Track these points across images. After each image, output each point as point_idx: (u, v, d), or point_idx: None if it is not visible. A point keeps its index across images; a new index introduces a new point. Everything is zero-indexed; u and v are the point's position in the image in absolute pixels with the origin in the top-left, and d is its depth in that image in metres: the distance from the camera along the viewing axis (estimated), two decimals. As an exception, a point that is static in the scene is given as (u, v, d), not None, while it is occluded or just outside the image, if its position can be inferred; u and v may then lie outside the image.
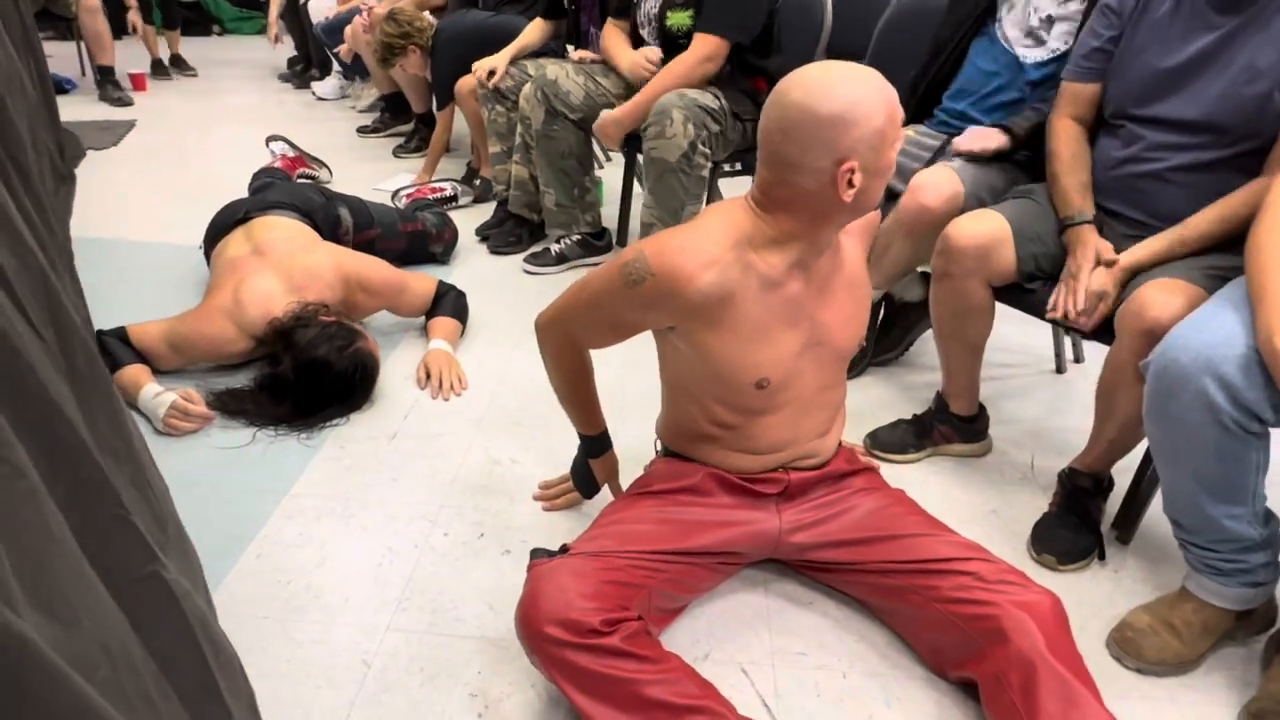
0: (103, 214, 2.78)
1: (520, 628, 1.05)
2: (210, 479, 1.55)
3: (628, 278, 1.07)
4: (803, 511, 1.25)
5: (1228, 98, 1.27)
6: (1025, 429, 1.81)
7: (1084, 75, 1.47)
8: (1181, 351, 1.06)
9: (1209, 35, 1.29)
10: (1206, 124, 1.30)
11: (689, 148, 2.08)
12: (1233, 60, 1.27)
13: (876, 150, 0.98)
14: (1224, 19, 1.28)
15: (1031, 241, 1.45)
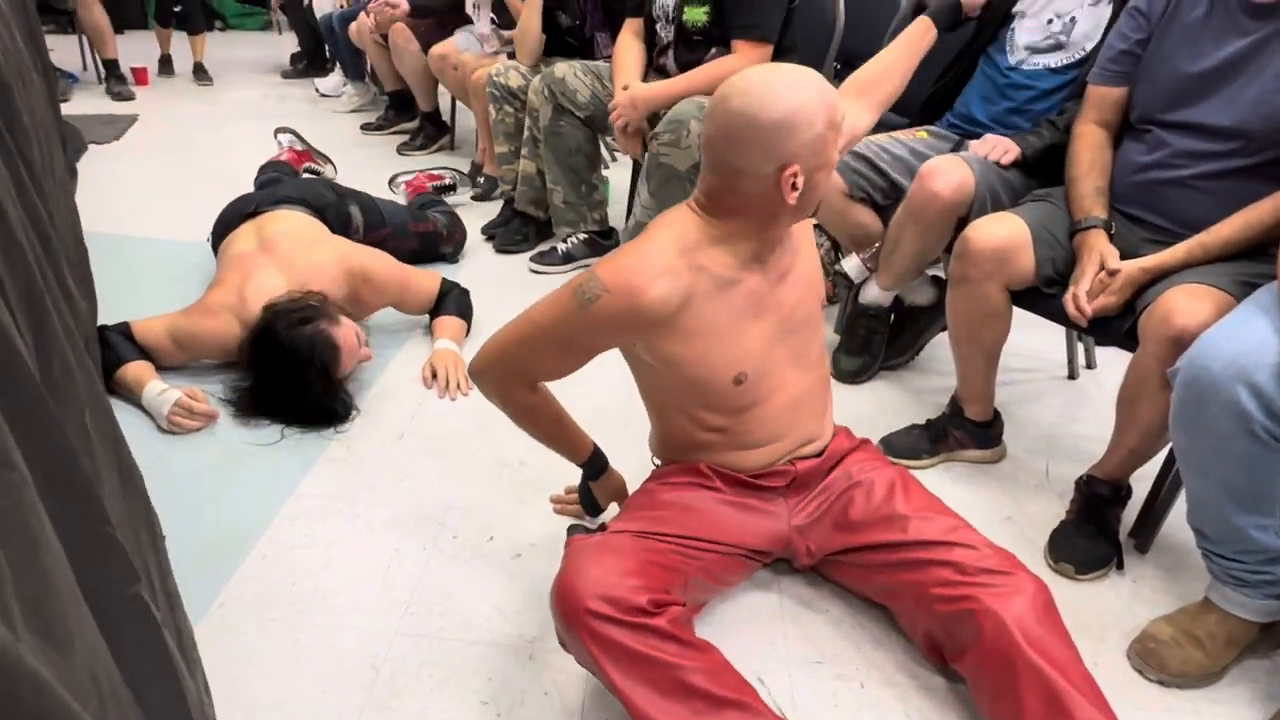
0: (105, 208, 2.75)
1: (561, 602, 1.01)
2: (214, 478, 1.53)
3: (582, 298, 1.05)
4: (811, 500, 1.24)
5: (1261, 104, 1.25)
6: (1040, 435, 1.79)
7: (1111, 79, 1.45)
8: (1212, 360, 1.04)
9: (1241, 40, 1.27)
10: (1236, 131, 1.28)
11: (699, 161, 2.06)
12: (1266, 67, 1.25)
13: (818, 153, 1.01)
14: (1257, 24, 1.26)
15: (1050, 245, 1.44)
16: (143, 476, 0.94)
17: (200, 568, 1.30)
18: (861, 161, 1.73)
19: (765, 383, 1.15)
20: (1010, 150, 1.60)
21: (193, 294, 1.96)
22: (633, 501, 1.23)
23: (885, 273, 1.77)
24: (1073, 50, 1.65)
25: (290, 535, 1.40)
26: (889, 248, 1.71)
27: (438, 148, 3.62)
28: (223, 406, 1.69)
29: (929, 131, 1.83)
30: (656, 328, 1.06)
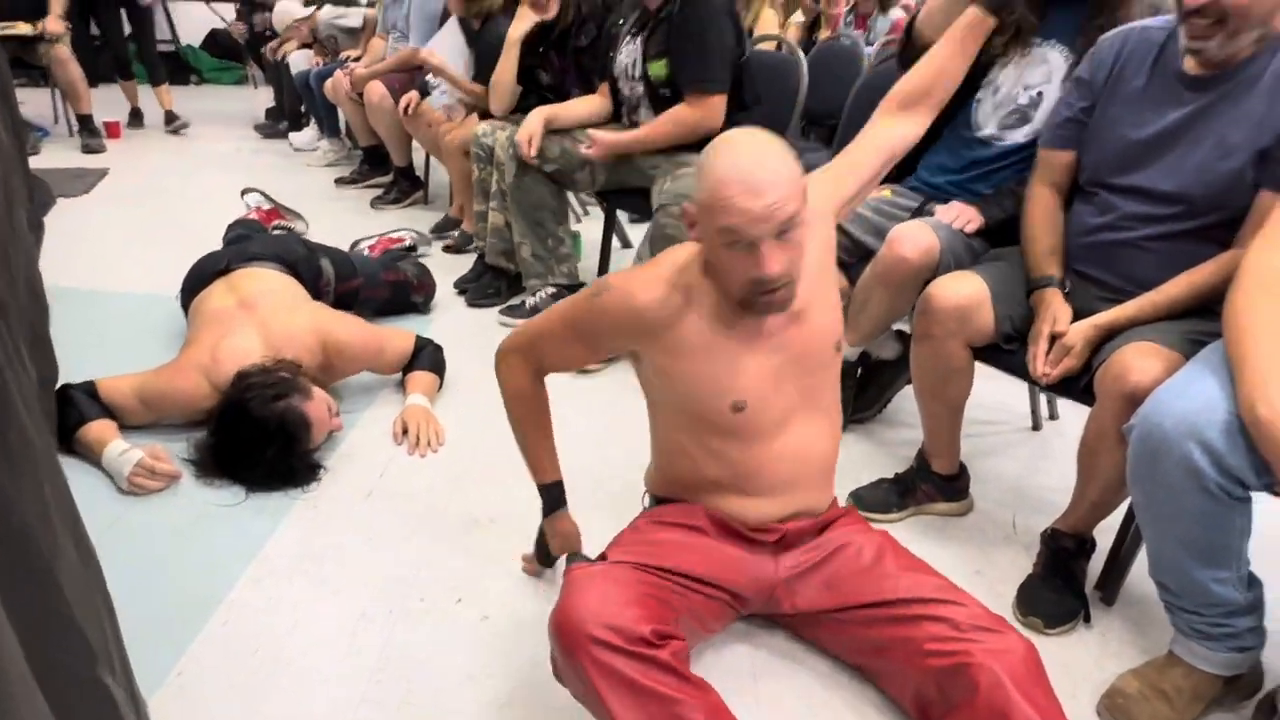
0: (72, 262, 2.73)
1: (562, 628, 1.00)
2: (175, 541, 1.49)
3: (593, 291, 1.17)
4: (798, 557, 1.24)
5: (1201, 171, 1.31)
6: (1006, 487, 1.82)
7: (1059, 143, 1.51)
8: (1164, 417, 1.07)
9: (1180, 110, 1.34)
10: (1179, 196, 1.34)
11: None
12: (1205, 135, 1.31)
13: (708, 210, 1.03)
14: (1194, 95, 1.33)
15: (1008, 303, 1.48)
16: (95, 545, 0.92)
17: (159, 634, 1.26)
18: (828, 221, 1.78)
19: (769, 416, 1.16)
20: (974, 220, 1.65)
21: (160, 349, 1.94)
22: (624, 537, 1.24)
23: (852, 330, 1.80)
24: (1036, 126, 1.69)
25: (254, 598, 1.37)
26: (856, 308, 1.75)
27: (411, 202, 3.65)
28: (185, 466, 1.67)
29: (893, 190, 1.89)
30: (652, 334, 1.13)
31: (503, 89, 2.70)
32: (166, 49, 6.49)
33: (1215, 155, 1.30)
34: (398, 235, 2.96)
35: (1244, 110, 1.28)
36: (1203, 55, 1.29)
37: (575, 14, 2.58)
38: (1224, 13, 1.21)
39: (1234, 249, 1.28)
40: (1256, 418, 0.99)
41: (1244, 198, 1.29)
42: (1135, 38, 1.42)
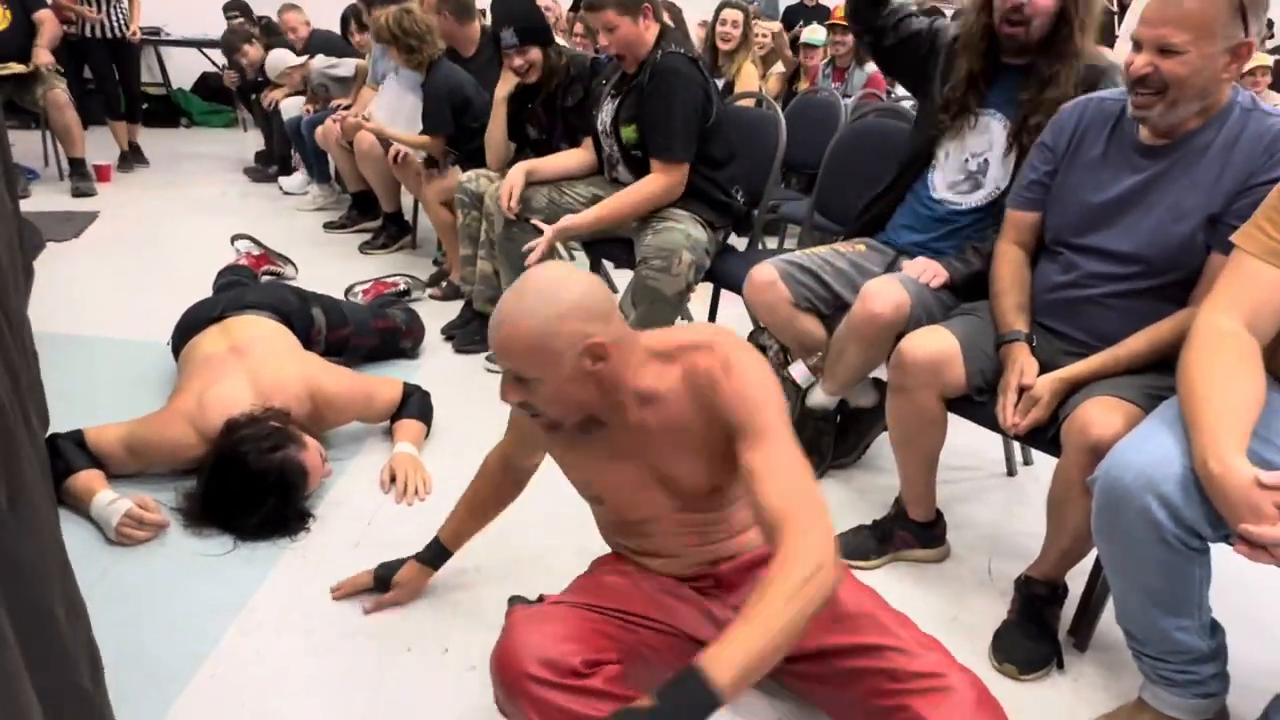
0: (61, 308, 2.75)
1: (500, 669, 1.05)
2: (163, 592, 1.50)
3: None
4: (743, 594, 1.20)
5: (1156, 234, 1.39)
6: (981, 533, 1.86)
7: (1024, 204, 1.59)
8: (1124, 470, 1.12)
9: (1136, 176, 1.42)
10: (1136, 256, 1.41)
11: (685, 286, 2.20)
12: (1159, 200, 1.39)
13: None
14: (1148, 162, 1.41)
15: (978, 357, 1.54)
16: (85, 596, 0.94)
17: (146, 688, 1.27)
18: (806, 274, 1.84)
19: (636, 514, 1.19)
20: (939, 275, 1.73)
21: (150, 396, 1.96)
22: (575, 583, 1.26)
23: (830, 380, 1.86)
24: (989, 190, 1.78)
25: (242, 650, 1.38)
26: (833, 358, 1.81)
27: (399, 247, 3.70)
28: (173, 515, 1.68)
29: (866, 244, 1.96)
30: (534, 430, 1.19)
31: (494, 146, 2.78)
32: (158, 92, 6.58)
33: (1169, 219, 1.37)
34: (391, 280, 3.01)
35: (1194, 178, 1.36)
36: (1148, 122, 1.37)
37: (563, 76, 2.66)
38: (1164, 83, 1.30)
39: (1190, 307, 1.35)
40: (1209, 473, 1.05)
41: (1197, 259, 1.36)
42: (1093, 108, 1.51)
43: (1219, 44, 1.26)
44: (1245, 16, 1.25)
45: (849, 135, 2.49)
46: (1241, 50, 1.28)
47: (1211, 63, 1.27)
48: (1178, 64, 1.28)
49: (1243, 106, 1.34)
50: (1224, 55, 1.27)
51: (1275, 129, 1.30)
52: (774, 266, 1.85)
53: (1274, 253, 1.16)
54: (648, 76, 2.21)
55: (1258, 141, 1.31)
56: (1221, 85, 1.32)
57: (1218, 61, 1.28)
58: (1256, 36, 1.28)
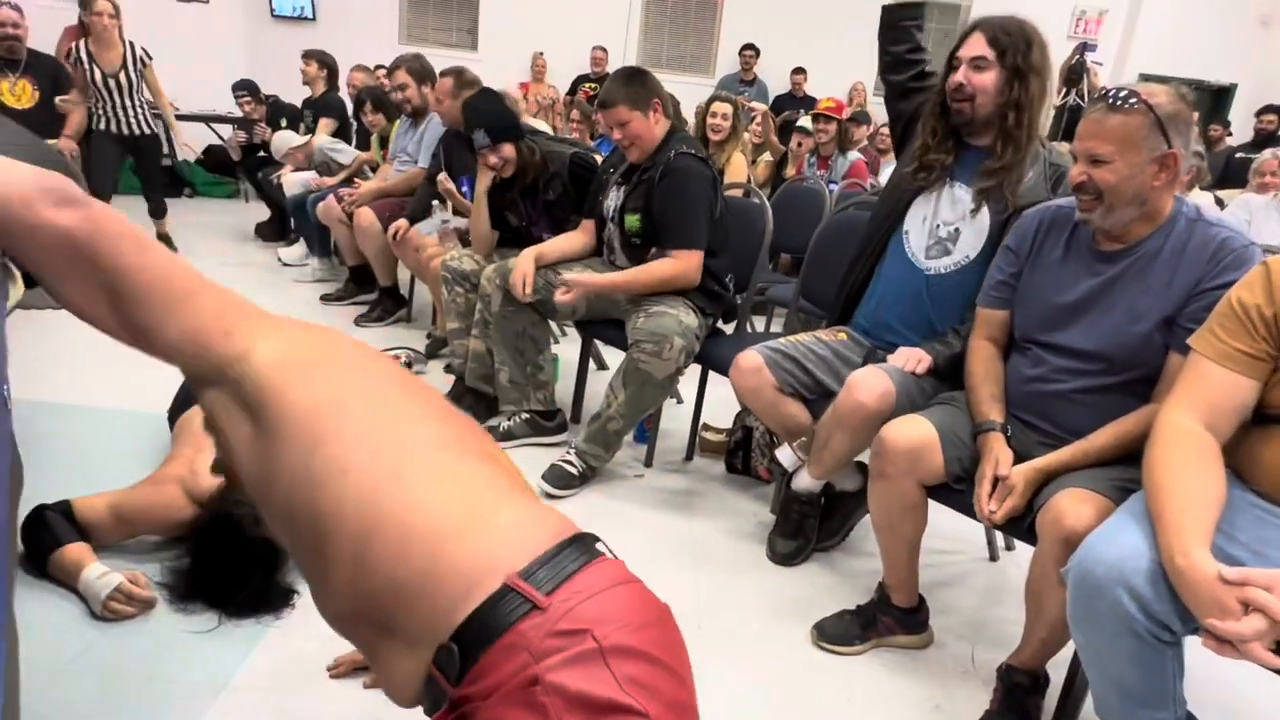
0: (55, 376, 2.77)
1: None
2: (146, 668, 1.49)
3: None
4: None
5: (1115, 333, 1.47)
6: (964, 619, 1.87)
7: (993, 303, 1.68)
8: (1096, 563, 1.16)
9: (1094, 279, 1.51)
10: (1098, 355, 1.49)
11: (675, 370, 2.26)
12: (1116, 302, 1.48)
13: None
14: (1104, 266, 1.51)
15: (955, 445, 1.59)
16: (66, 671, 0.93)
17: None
18: (790, 361, 1.91)
19: None
20: (924, 360, 1.80)
21: (141, 466, 1.96)
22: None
23: (816, 465, 1.90)
24: (958, 258, 1.86)
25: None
26: (819, 445, 1.85)
27: (394, 320, 3.77)
28: (157, 590, 1.67)
29: (847, 334, 2.03)
30: None
31: (479, 237, 2.87)
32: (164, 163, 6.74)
33: (1126, 320, 1.46)
34: (394, 354, 3.06)
35: (1147, 282, 1.45)
36: (1092, 224, 1.49)
37: (540, 170, 2.76)
38: (1098, 190, 1.43)
39: (1154, 404, 1.41)
40: (1175, 568, 1.09)
41: (1157, 356, 1.44)
42: (1052, 214, 1.61)
43: (1143, 154, 1.39)
44: (1164, 130, 1.38)
45: (832, 225, 2.60)
46: (1168, 160, 1.40)
47: (1139, 171, 1.40)
48: (1106, 172, 1.41)
49: (1188, 217, 1.45)
50: (1150, 165, 1.40)
51: (1218, 238, 1.41)
52: (759, 353, 1.91)
53: (1227, 356, 1.23)
54: (659, 173, 2.33)
55: (1204, 249, 1.41)
56: (1157, 193, 1.43)
57: (1145, 170, 1.40)
58: (1183, 149, 1.40)
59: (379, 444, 0.85)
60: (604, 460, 2.35)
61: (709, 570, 1.98)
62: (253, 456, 0.88)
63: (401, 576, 0.78)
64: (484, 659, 0.74)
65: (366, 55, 5.67)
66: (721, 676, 1.59)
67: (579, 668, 0.72)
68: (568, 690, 0.71)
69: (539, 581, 0.76)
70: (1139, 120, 1.38)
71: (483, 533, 0.80)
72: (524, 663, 0.73)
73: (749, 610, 1.83)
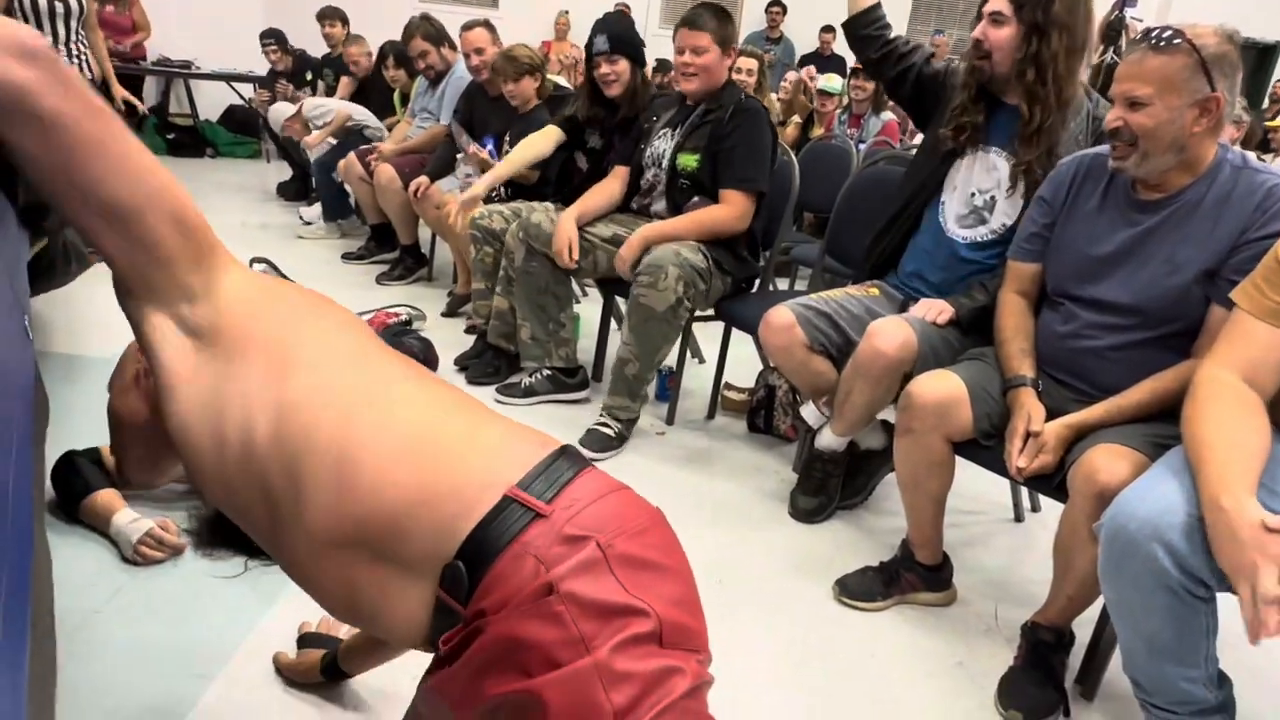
0: (86, 331, 2.80)
1: None
2: (176, 612, 1.51)
3: None
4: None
5: (1152, 286, 1.42)
6: (988, 578, 1.86)
7: (1025, 256, 1.63)
8: (1129, 519, 1.14)
9: (1131, 229, 1.46)
10: (1133, 308, 1.44)
11: (675, 302, 2.21)
12: (1154, 253, 1.43)
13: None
14: (1142, 216, 1.45)
15: (985, 401, 1.56)
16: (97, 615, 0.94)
17: (152, 709, 1.28)
18: (821, 318, 1.87)
19: None
20: (945, 311, 1.76)
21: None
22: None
23: (839, 421, 1.88)
24: (994, 226, 1.83)
25: (248, 673, 1.38)
26: (840, 399, 1.83)
27: (415, 278, 3.76)
28: (185, 537, 1.69)
29: (879, 288, 1.99)
30: None
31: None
32: (186, 123, 6.74)
33: (1163, 272, 1.41)
34: (394, 310, 3.05)
35: (1186, 232, 1.40)
36: (1126, 173, 1.43)
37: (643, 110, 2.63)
38: (1134, 136, 1.37)
39: (1192, 359, 1.37)
40: (1219, 509, 1.06)
41: (1195, 310, 1.39)
42: (1089, 163, 1.55)
43: (1184, 98, 1.32)
44: (1209, 72, 1.31)
45: (860, 181, 2.55)
46: (1209, 104, 1.33)
47: (1178, 115, 1.33)
48: (1144, 116, 1.35)
49: (1233, 164, 1.39)
50: (1191, 109, 1.33)
51: (1265, 185, 1.35)
52: (790, 310, 1.88)
53: (1271, 313, 1.18)
54: (729, 113, 2.30)
55: (1249, 197, 1.35)
56: (1197, 140, 1.37)
57: (1185, 115, 1.34)
58: (1227, 92, 1.33)
59: (353, 374, 0.84)
60: (633, 412, 2.33)
61: (730, 526, 1.97)
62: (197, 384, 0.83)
63: (390, 500, 0.76)
64: (492, 571, 0.74)
65: (385, 12, 5.60)
66: (742, 631, 1.59)
67: (588, 573, 0.73)
68: (581, 597, 0.72)
69: (537, 491, 0.76)
70: (1182, 60, 1.31)
71: (472, 450, 0.80)
72: (534, 570, 0.72)
73: (770, 566, 1.82)
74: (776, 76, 6.39)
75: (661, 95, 2.64)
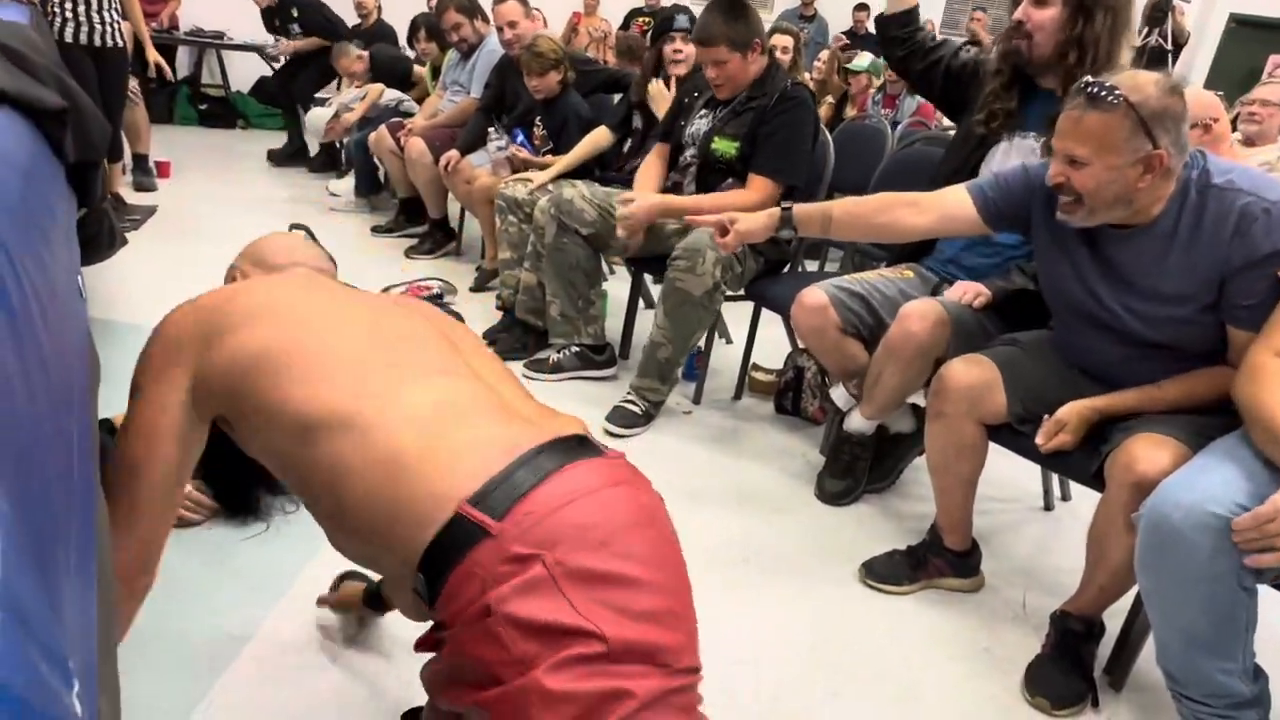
0: (120, 298, 2.84)
1: None
2: (208, 574, 1.54)
3: None
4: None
5: (1151, 321, 1.41)
6: (1016, 566, 1.84)
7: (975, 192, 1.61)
8: (1173, 508, 1.12)
9: (1109, 261, 1.43)
10: (1141, 338, 1.43)
11: (713, 286, 2.19)
12: (1141, 287, 1.41)
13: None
14: (1117, 248, 1.42)
15: (1020, 386, 1.53)
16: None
17: (191, 665, 1.30)
18: (857, 300, 1.85)
19: None
20: (981, 294, 1.73)
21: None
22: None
23: (868, 404, 1.86)
24: None
25: (284, 634, 1.41)
26: (870, 381, 1.81)
27: (444, 253, 3.77)
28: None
29: (914, 270, 1.97)
30: None
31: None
32: (217, 94, 6.78)
33: (1155, 305, 1.39)
34: (426, 284, 3.06)
35: (1165, 265, 1.36)
36: (1074, 224, 1.39)
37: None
38: (1077, 193, 1.33)
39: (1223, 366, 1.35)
40: None
41: (1205, 333, 1.36)
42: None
43: (1124, 157, 1.27)
44: (1149, 129, 1.25)
45: (895, 163, 2.51)
46: (1152, 161, 1.27)
47: (1118, 175, 1.29)
48: (1084, 176, 1.30)
49: (1197, 184, 1.32)
50: (1133, 168, 1.28)
51: (1235, 207, 1.28)
52: (824, 290, 1.86)
53: None
54: (773, 101, 2.27)
55: (1223, 223, 1.29)
56: (1146, 191, 1.31)
57: (1126, 173, 1.29)
58: (1171, 147, 1.27)
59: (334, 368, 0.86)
60: (661, 394, 2.33)
61: (756, 507, 1.97)
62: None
63: (370, 498, 0.79)
64: (446, 587, 0.75)
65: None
66: (766, 610, 1.59)
67: (530, 594, 0.72)
68: (518, 618, 0.71)
69: (493, 504, 0.75)
70: (1119, 120, 1.26)
71: (436, 456, 0.79)
72: (478, 591, 0.73)
73: (795, 547, 1.82)
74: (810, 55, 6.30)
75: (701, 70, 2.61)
